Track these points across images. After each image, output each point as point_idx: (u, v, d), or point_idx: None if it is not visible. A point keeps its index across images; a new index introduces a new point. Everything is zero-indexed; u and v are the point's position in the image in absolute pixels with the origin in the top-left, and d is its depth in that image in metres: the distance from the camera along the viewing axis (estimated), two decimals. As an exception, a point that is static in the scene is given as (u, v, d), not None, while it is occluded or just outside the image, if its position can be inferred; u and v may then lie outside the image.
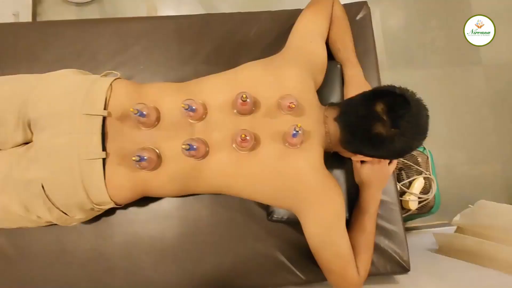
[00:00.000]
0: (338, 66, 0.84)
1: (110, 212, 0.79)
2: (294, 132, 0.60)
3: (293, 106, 0.62)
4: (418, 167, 1.26)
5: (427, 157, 1.33)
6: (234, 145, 0.65)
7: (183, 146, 0.60)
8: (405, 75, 1.58)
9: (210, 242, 0.81)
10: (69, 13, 1.59)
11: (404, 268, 0.81)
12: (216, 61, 0.90)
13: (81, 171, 0.63)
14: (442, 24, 1.60)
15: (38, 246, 0.78)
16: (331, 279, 0.71)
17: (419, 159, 1.31)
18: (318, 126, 0.68)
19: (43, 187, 0.63)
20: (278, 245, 0.82)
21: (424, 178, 1.26)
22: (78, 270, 0.77)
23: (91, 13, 1.59)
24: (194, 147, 0.61)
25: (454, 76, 1.63)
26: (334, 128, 0.68)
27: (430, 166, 1.32)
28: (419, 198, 1.22)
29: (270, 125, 0.66)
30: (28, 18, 1.44)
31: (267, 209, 0.81)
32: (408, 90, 0.62)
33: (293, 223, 0.81)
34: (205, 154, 0.65)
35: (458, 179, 1.58)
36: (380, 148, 0.64)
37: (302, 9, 0.92)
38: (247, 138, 0.59)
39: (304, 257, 0.81)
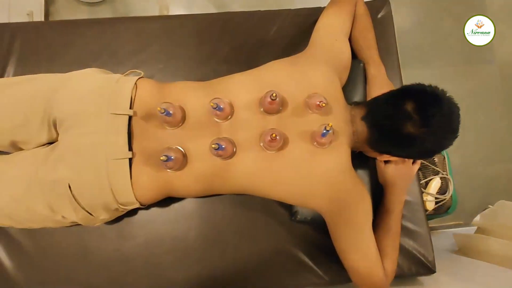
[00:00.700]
0: (361, 64, 0.83)
1: (131, 212, 0.78)
2: (324, 131, 0.59)
3: (324, 105, 0.61)
4: (435, 167, 1.25)
5: (444, 157, 1.31)
6: (261, 144, 0.64)
7: (213, 146, 0.59)
8: (417, 74, 1.56)
9: (231, 242, 0.81)
10: (81, 13, 1.58)
11: (429, 269, 0.80)
12: (236, 60, 0.89)
13: (107, 171, 0.62)
14: (454, 22, 1.58)
15: (60, 246, 0.77)
16: (357, 281, 0.70)
17: (436, 159, 1.29)
18: (346, 126, 0.67)
19: (69, 187, 0.62)
20: (301, 245, 0.81)
21: (441, 178, 1.25)
22: (100, 271, 0.77)
23: (103, 12, 1.59)
24: (223, 146, 0.60)
25: (468, 75, 1.62)
26: (361, 128, 0.67)
27: (446, 166, 1.31)
28: (436, 198, 1.21)
29: (298, 124, 0.65)
30: (41, 18, 1.44)
31: (290, 210, 0.80)
32: (438, 88, 0.61)
33: (317, 224, 0.80)
34: (232, 154, 0.64)
35: (472, 179, 1.57)
36: (409, 148, 0.63)
37: (323, 7, 0.91)
38: (277, 137, 0.58)
39: (327, 257, 0.80)
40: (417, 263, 0.80)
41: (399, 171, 0.77)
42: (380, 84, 0.82)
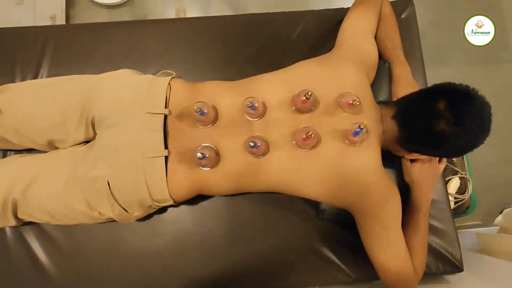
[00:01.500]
0: (387, 64, 0.84)
1: (161, 210, 0.80)
2: (358, 129, 0.60)
3: (357, 103, 0.62)
4: (454, 167, 1.25)
5: (463, 157, 1.31)
6: (294, 143, 0.65)
7: (250, 144, 0.60)
8: (435, 74, 1.56)
9: (258, 239, 0.82)
10: (100, 16, 1.62)
11: (457, 268, 0.80)
12: (261, 61, 0.90)
13: (144, 169, 0.64)
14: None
15: (93, 242, 0.79)
16: (387, 278, 0.71)
17: (454, 159, 1.29)
18: (376, 125, 0.68)
19: (108, 184, 0.64)
20: (328, 243, 0.82)
21: (460, 178, 1.24)
22: (132, 266, 0.79)
23: (122, 15, 1.62)
24: (258, 144, 0.61)
25: (486, 75, 1.61)
26: (391, 127, 0.67)
27: (465, 166, 1.30)
28: (455, 198, 1.20)
29: (329, 123, 0.66)
30: (63, 21, 1.48)
31: (317, 208, 0.81)
32: (470, 87, 0.62)
33: (343, 222, 0.81)
34: (265, 152, 0.66)
35: (490, 179, 1.55)
36: (441, 146, 0.63)
37: (346, 8, 0.92)
38: (312, 135, 0.60)
39: (354, 255, 0.81)
40: (445, 261, 0.80)
41: (425, 170, 0.77)
42: (405, 83, 0.82)
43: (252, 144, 0.60)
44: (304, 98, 0.62)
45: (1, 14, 1.20)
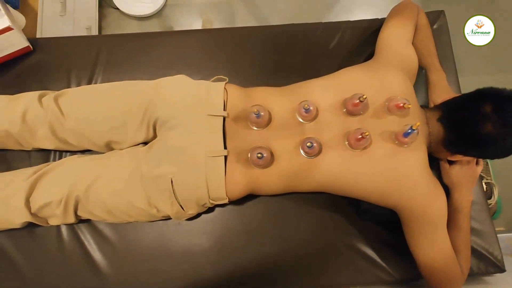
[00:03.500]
0: (423, 71, 0.88)
1: (209, 209, 0.83)
2: (409, 131, 0.64)
3: (409, 106, 0.66)
4: (480, 172, 1.27)
5: (487, 162, 1.33)
6: (346, 143, 0.68)
7: (308, 144, 0.64)
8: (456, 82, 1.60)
9: (298, 238, 0.84)
10: (130, 27, 1.68)
11: (498, 268, 0.82)
12: (299, 69, 0.95)
13: (206, 167, 0.68)
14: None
15: (143, 240, 0.82)
16: (432, 277, 0.73)
17: (479, 165, 1.31)
18: (423, 127, 0.71)
19: (171, 182, 0.68)
20: (370, 243, 0.84)
21: (485, 183, 1.26)
22: (180, 264, 0.81)
23: (151, 26, 1.69)
24: (314, 145, 0.65)
25: (503, 83, 1.64)
26: (437, 129, 0.71)
27: (490, 171, 1.32)
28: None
29: (378, 125, 0.70)
30: (96, 31, 1.55)
31: (358, 207, 0.84)
32: None
33: (385, 222, 0.84)
34: (318, 153, 0.69)
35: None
36: (489, 148, 0.66)
37: (380, 18, 0.98)
38: (368, 136, 0.63)
39: (397, 255, 0.83)
40: (486, 262, 0.82)
41: (464, 172, 0.80)
42: (441, 90, 0.86)
43: (309, 145, 0.64)
44: (358, 101, 0.65)
45: (47, 23, 1.26)
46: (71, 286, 0.79)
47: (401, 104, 0.66)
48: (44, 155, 0.86)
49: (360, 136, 0.64)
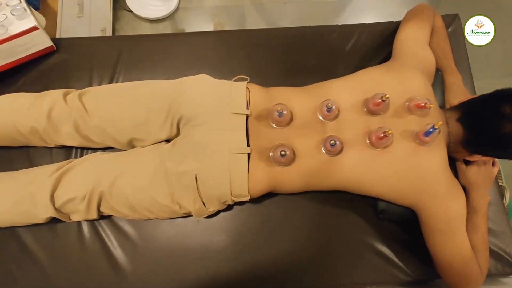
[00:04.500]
0: (439, 72, 0.89)
1: (228, 207, 0.84)
2: (431, 130, 0.65)
3: (431, 105, 0.67)
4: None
5: (498, 166, 1.33)
6: (368, 142, 0.70)
7: (331, 142, 0.65)
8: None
9: (315, 237, 0.85)
10: (143, 29, 1.71)
11: (516, 269, 0.82)
12: (315, 70, 0.96)
13: (230, 164, 0.69)
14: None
15: (162, 237, 0.83)
16: (451, 277, 0.73)
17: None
18: (442, 127, 0.72)
19: (196, 178, 0.69)
20: (387, 242, 0.85)
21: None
22: (199, 262, 0.82)
23: (164, 29, 1.71)
24: (337, 143, 0.66)
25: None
26: (456, 129, 0.72)
27: (501, 174, 1.33)
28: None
29: (399, 124, 0.71)
30: (110, 33, 1.57)
31: (376, 208, 0.85)
32: None
33: (403, 222, 0.84)
34: (340, 151, 0.70)
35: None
36: (508, 147, 0.67)
37: (395, 21, 0.99)
38: (390, 134, 0.64)
39: (414, 255, 0.84)
40: (503, 262, 0.83)
41: (482, 173, 0.81)
42: (457, 91, 0.87)
43: (332, 142, 0.65)
44: (380, 100, 0.67)
45: (65, 24, 1.29)
46: (91, 281, 0.80)
47: (423, 104, 0.67)
48: (66, 152, 0.87)
49: (383, 135, 0.65)
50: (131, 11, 1.65)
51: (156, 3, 1.63)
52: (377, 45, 0.98)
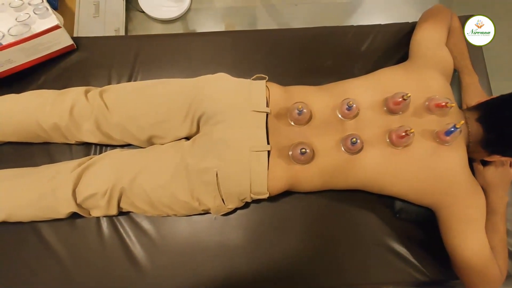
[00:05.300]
0: (456, 73, 0.89)
1: (245, 204, 0.84)
2: (452, 129, 0.65)
3: (452, 105, 0.67)
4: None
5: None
6: (388, 141, 0.70)
7: (352, 140, 0.65)
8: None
9: (331, 236, 0.85)
10: (155, 30, 1.73)
11: (535, 270, 0.82)
12: (332, 71, 0.97)
13: (250, 162, 0.69)
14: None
15: (179, 234, 0.84)
16: (470, 278, 0.73)
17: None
18: (462, 127, 0.72)
19: (217, 175, 0.69)
20: (404, 242, 0.84)
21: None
22: (215, 259, 0.82)
23: (175, 30, 1.73)
24: (359, 141, 0.66)
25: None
26: (476, 129, 0.72)
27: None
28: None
29: (419, 124, 0.71)
30: (123, 33, 1.59)
31: (393, 207, 0.85)
32: None
33: (421, 222, 0.84)
34: (360, 149, 0.70)
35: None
36: (529, 147, 0.67)
37: (411, 22, 0.99)
38: (411, 133, 0.65)
39: (431, 255, 0.83)
40: (522, 263, 0.82)
41: (500, 173, 0.81)
42: (474, 91, 0.87)
43: (354, 140, 0.66)
44: (401, 99, 0.67)
45: (82, 24, 1.31)
46: (110, 276, 0.80)
47: (443, 103, 0.68)
48: (85, 149, 0.88)
49: (404, 134, 0.65)
50: (143, 12, 1.67)
51: (168, 4, 1.65)
52: (393, 45, 0.98)
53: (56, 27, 0.86)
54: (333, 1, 1.77)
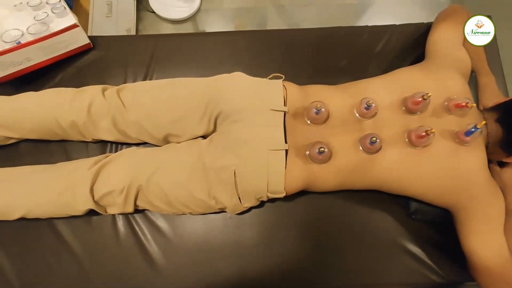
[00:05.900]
0: (473, 74, 0.89)
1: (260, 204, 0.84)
2: (473, 129, 0.65)
3: (473, 105, 0.67)
4: None
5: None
6: (406, 141, 0.70)
7: (372, 139, 0.65)
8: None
9: (346, 236, 0.85)
10: (165, 29, 1.74)
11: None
12: (347, 71, 0.97)
13: (268, 160, 0.69)
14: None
15: (193, 233, 0.84)
16: (487, 280, 0.72)
17: None
18: (482, 127, 0.72)
19: (234, 173, 0.69)
20: (420, 243, 0.84)
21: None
22: (229, 257, 0.82)
23: (185, 30, 1.74)
24: (378, 140, 0.66)
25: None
26: (495, 130, 0.72)
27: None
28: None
29: (438, 124, 0.71)
30: (134, 33, 1.61)
31: (408, 208, 0.84)
32: None
33: (436, 223, 0.84)
34: (379, 149, 0.70)
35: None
36: (550, 148, 0.67)
37: (426, 23, 0.99)
38: (431, 133, 0.64)
39: (447, 257, 0.83)
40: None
41: (517, 174, 0.80)
42: (491, 92, 0.87)
43: (374, 140, 0.65)
44: (421, 99, 0.67)
45: (96, 23, 1.32)
46: (126, 274, 0.81)
47: (464, 104, 0.67)
48: (101, 147, 0.89)
49: (424, 133, 0.65)
50: (154, 12, 1.68)
51: (179, 4, 1.66)
52: (408, 46, 0.98)
53: (74, 26, 0.87)
54: (343, 2, 1.77)
